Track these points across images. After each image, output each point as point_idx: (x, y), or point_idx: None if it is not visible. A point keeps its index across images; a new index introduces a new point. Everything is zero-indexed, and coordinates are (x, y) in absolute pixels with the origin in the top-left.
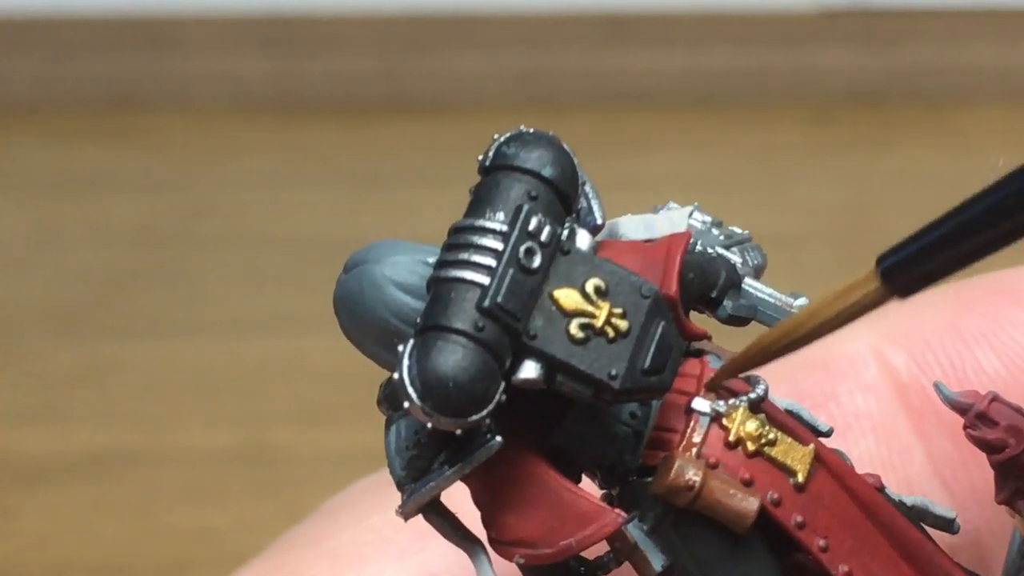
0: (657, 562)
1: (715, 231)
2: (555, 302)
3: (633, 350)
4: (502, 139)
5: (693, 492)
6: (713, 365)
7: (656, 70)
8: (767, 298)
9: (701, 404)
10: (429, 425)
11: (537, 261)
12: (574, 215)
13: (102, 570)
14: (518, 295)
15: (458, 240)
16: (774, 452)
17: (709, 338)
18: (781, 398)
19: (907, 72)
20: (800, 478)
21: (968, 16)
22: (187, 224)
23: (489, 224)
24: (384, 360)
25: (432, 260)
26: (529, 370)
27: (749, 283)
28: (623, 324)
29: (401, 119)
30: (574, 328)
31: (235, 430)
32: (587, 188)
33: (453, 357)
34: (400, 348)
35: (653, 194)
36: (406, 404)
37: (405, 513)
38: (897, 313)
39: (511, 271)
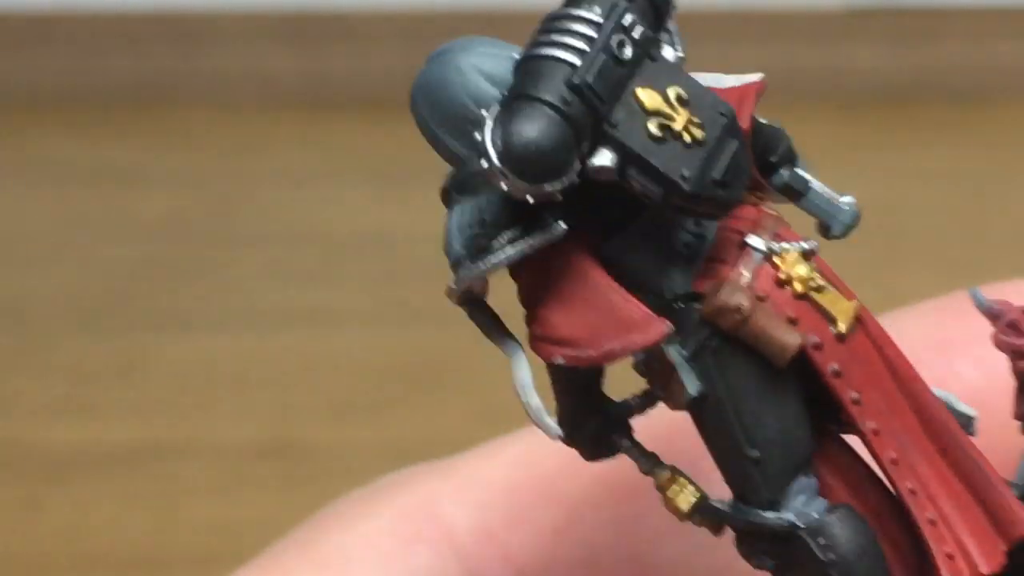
0: (693, 387)
1: None
2: (637, 99)
3: (706, 158)
4: None
5: (741, 316)
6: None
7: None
8: (819, 187)
9: (756, 241)
10: (504, 188)
11: (628, 53)
12: (664, 32)
13: (130, 563)
14: (606, 81)
15: (552, 26)
16: (820, 299)
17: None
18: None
19: (936, 70)
20: (842, 328)
21: (998, 14)
22: (216, 219)
23: (585, 14)
24: (455, 151)
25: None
26: (604, 157)
27: (801, 170)
28: (699, 133)
29: None
30: (653, 126)
31: (263, 424)
32: (673, 21)
33: (539, 124)
34: (484, 114)
35: None
36: (484, 165)
37: (457, 289)
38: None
39: (603, 57)
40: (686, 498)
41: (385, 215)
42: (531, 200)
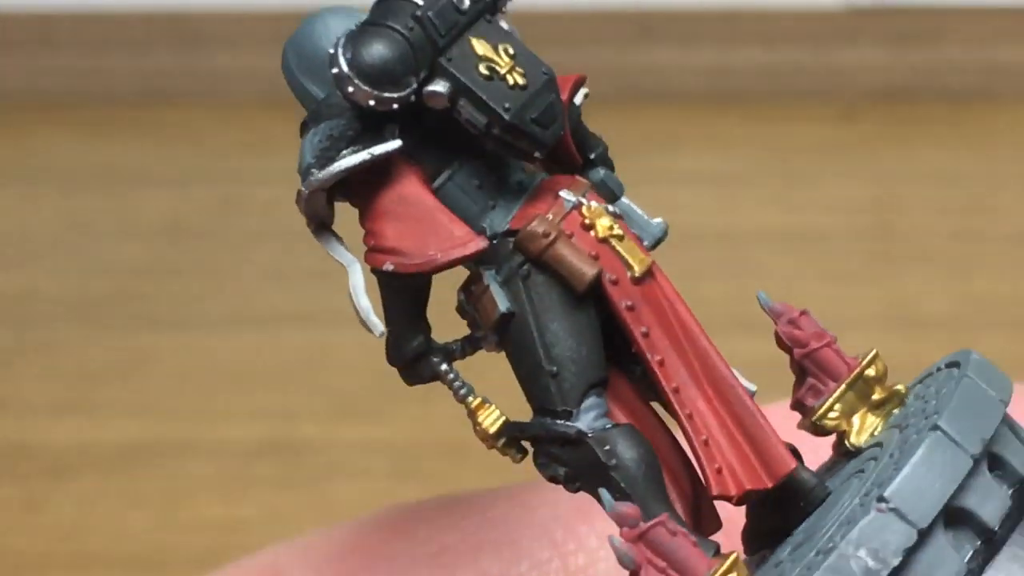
0: (503, 304)
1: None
2: (471, 45)
3: (527, 100)
4: None
5: (547, 241)
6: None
7: (684, 67)
8: (637, 210)
9: (567, 193)
10: (350, 93)
11: (467, 5)
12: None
13: (131, 561)
14: (445, 22)
15: None
16: (619, 246)
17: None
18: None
19: (934, 70)
20: (637, 272)
21: (996, 14)
22: (217, 218)
23: None
24: (314, 93)
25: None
26: (439, 85)
27: (624, 200)
28: (522, 80)
29: None
30: (482, 67)
31: (264, 423)
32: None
33: (383, 40)
34: (338, 37)
35: (680, 190)
36: (334, 71)
37: (305, 192)
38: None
39: (445, 1)
40: (494, 421)
41: None
42: (373, 105)
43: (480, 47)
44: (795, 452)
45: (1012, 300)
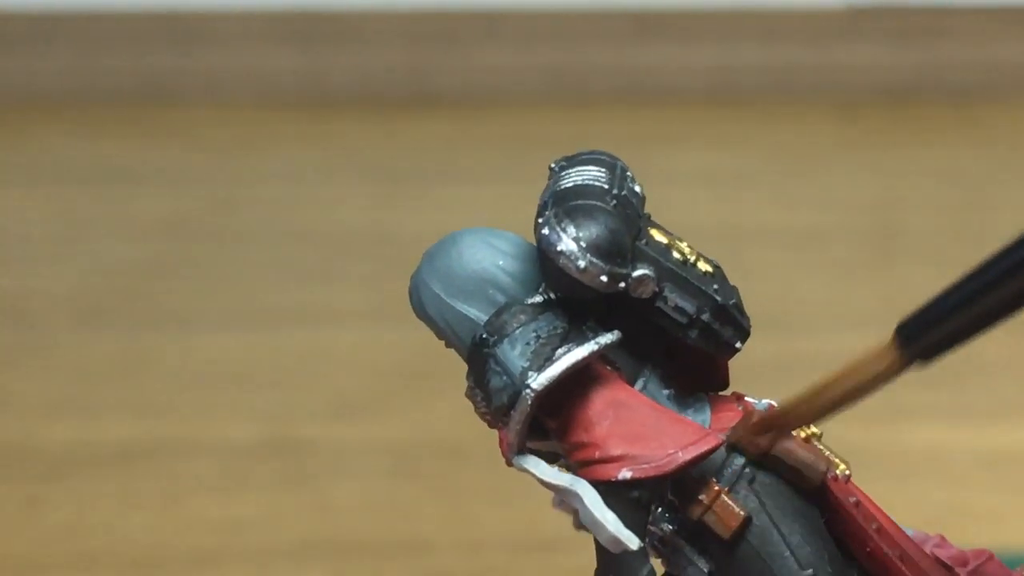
0: (743, 509)
1: None
2: (651, 234)
3: (722, 285)
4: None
5: (773, 436)
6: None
7: (685, 66)
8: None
9: (753, 399)
10: (577, 274)
11: (639, 189)
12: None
13: (130, 561)
14: (633, 203)
15: (569, 166)
16: (820, 445)
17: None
18: None
19: (936, 69)
20: (848, 471)
21: (997, 13)
22: (216, 218)
23: (595, 157)
24: (471, 315)
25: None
26: (645, 269)
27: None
28: (709, 268)
29: (429, 114)
30: (676, 253)
31: (263, 422)
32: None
33: (600, 213)
34: (540, 221)
35: (680, 189)
36: (559, 249)
37: (528, 407)
38: None
39: (624, 184)
40: None
41: (385, 213)
42: (605, 282)
43: (659, 235)
44: None
45: None
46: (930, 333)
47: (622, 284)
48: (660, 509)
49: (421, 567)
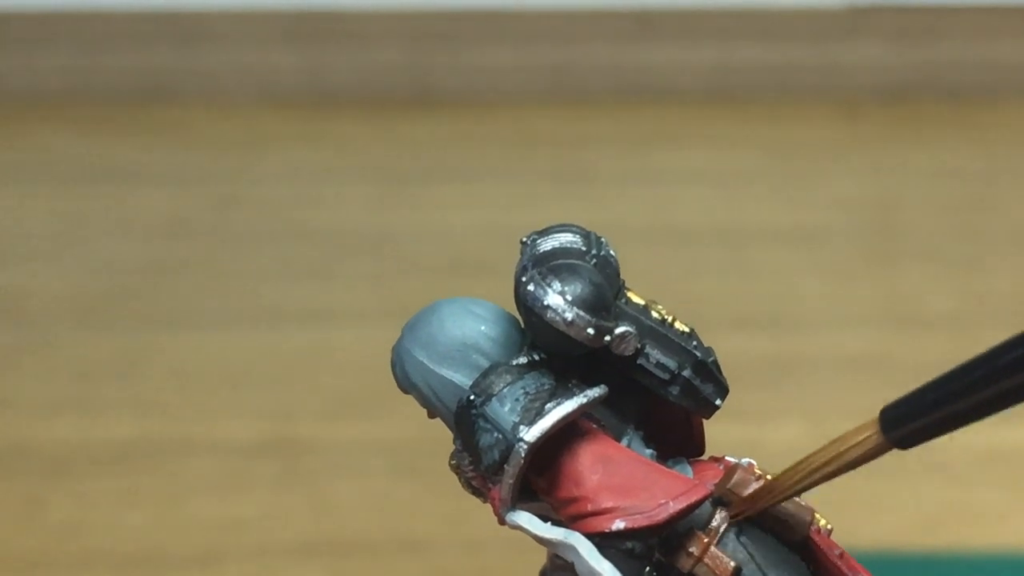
0: (733, 560)
1: None
2: (628, 297)
3: (700, 343)
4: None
5: (761, 487)
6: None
7: (684, 65)
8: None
9: (732, 457)
10: (567, 319)
11: (614, 252)
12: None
13: (130, 561)
14: (610, 265)
15: (546, 233)
16: (800, 500)
17: None
18: None
19: (936, 68)
20: (829, 526)
21: (997, 12)
22: (216, 217)
23: (567, 226)
24: (456, 381)
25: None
26: (626, 326)
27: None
28: (685, 328)
29: (430, 113)
30: (653, 312)
31: (263, 422)
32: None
33: (582, 268)
34: (524, 279)
35: (680, 189)
36: (546, 303)
37: (530, 443)
38: None
39: (601, 247)
40: None
41: (385, 213)
42: (591, 335)
43: (636, 297)
44: None
45: (1014, 298)
46: (910, 423)
47: (607, 338)
48: (648, 568)
49: (421, 567)
